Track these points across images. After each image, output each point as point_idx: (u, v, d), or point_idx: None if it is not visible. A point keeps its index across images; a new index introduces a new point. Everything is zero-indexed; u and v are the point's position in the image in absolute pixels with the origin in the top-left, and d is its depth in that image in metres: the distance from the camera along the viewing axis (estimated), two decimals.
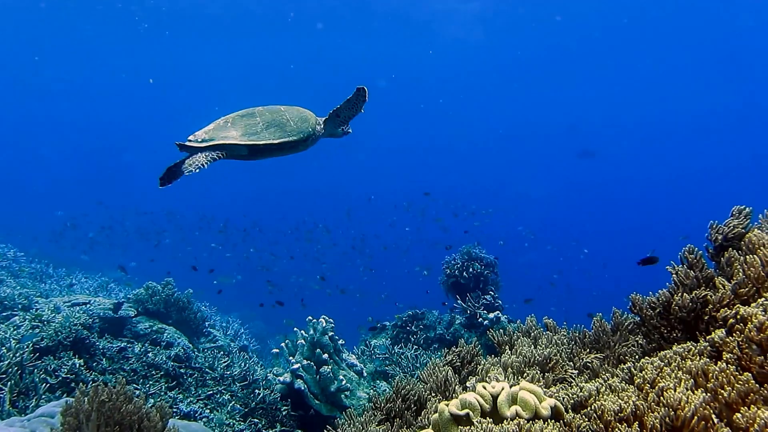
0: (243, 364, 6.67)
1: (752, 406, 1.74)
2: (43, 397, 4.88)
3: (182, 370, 6.11)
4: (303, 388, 5.97)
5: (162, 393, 5.55)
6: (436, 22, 25.32)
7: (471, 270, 8.42)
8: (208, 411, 5.54)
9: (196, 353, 6.75)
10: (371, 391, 6.75)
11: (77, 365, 5.37)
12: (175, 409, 5.29)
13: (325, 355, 6.13)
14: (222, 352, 7.19)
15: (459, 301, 8.18)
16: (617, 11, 24.99)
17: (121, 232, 22.07)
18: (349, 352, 7.05)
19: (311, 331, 6.36)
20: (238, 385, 6.22)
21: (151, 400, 5.22)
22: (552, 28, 26.55)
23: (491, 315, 7.85)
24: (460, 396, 2.31)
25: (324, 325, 6.36)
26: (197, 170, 3.78)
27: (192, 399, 5.69)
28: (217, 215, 21.57)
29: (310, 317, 6.47)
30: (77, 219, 20.95)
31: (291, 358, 6.19)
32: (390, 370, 7.09)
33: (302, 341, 6.26)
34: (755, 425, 1.65)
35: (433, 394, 2.80)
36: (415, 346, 7.72)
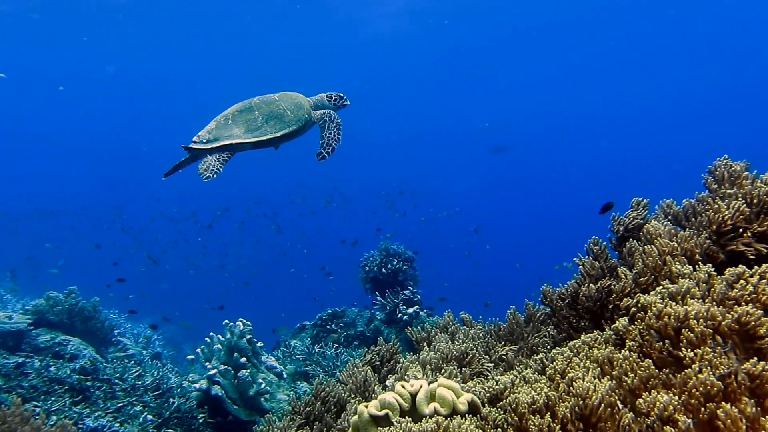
0: (156, 373, 6.39)
1: (653, 391, 1.84)
2: None
3: (89, 383, 5.77)
4: (220, 393, 5.79)
5: (66, 409, 5.21)
6: (362, 12, 24.98)
7: (389, 266, 8.47)
8: (118, 424, 5.26)
9: (105, 364, 6.39)
10: (291, 392, 6.66)
11: None
12: (81, 425, 4.98)
13: (243, 359, 5.97)
14: (133, 361, 6.85)
15: (378, 298, 8.21)
16: (532, 11, 25.78)
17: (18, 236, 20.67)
18: (268, 354, 6.90)
19: (228, 335, 6.17)
20: (151, 394, 5.95)
21: (54, 417, 4.88)
22: (474, 25, 26.99)
23: (410, 310, 7.94)
24: (379, 396, 2.31)
25: (242, 328, 6.20)
26: (214, 175, 3.92)
27: (100, 413, 5.39)
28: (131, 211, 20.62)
29: (226, 321, 6.29)
30: None
31: (207, 363, 5.98)
32: (310, 370, 7.02)
33: (219, 346, 6.07)
34: (655, 409, 1.74)
35: (352, 396, 2.78)
36: (335, 345, 7.69)
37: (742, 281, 2.00)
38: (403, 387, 2.33)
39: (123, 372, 6.18)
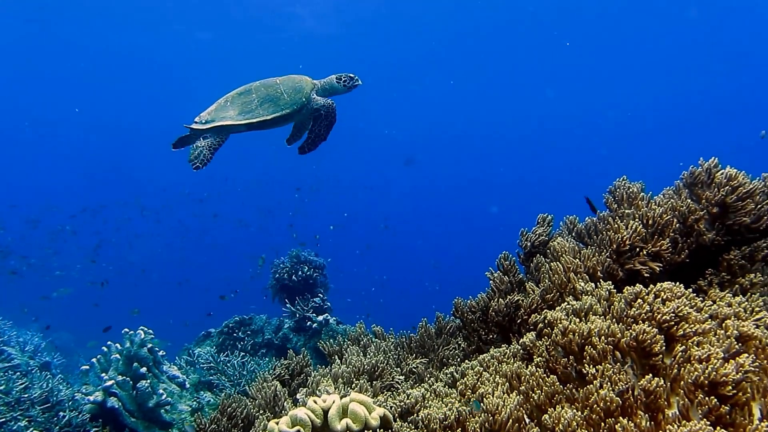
0: (44, 385, 5.92)
1: (558, 406, 1.91)
2: None
3: None
4: (117, 406, 5.47)
5: None
6: (291, 8, 24.34)
7: (300, 273, 8.36)
8: None
9: None
10: (194, 403, 6.41)
11: None
12: None
13: (144, 369, 5.68)
14: (18, 372, 6.33)
15: (288, 305, 8.08)
16: (454, 23, 26.29)
17: None
18: (170, 363, 6.60)
19: (128, 344, 5.85)
20: (38, 408, 5.52)
21: None
22: (399, 33, 27.10)
23: (320, 317, 7.86)
24: (291, 412, 2.26)
25: (142, 336, 5.89)
26: (203, 165, 4.15)
27: None
28: None
29: (126, 329, 5.96)
30: None
31: (103, 374, 5.63)
32: (215, 379, 6.79)
33: (117, 355, 5.73)
34: (560, 425, 1.81)
35: (261, 411, 2.71)
36: (242, 353, 7.48)
37: (639, 300, 2.12)
38: (315, 402, 2.29)
39: (6, 384, 5.70)
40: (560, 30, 26.36)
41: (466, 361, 2.70)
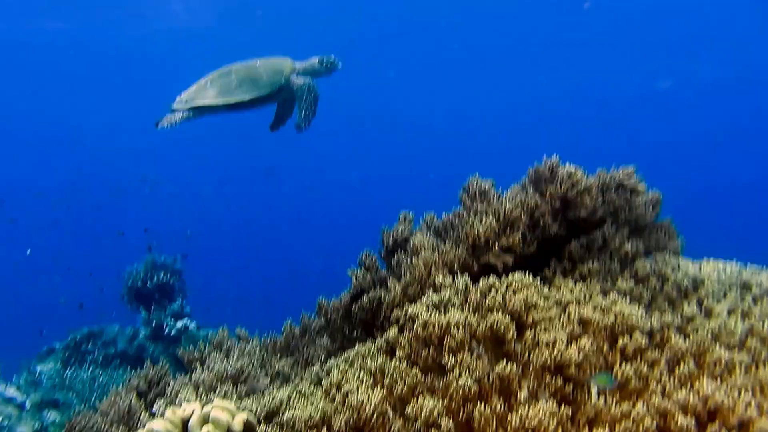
0: None
1: (419, 397, 1.97)
2: None
3: None
4: None
5: None
6: (162, 2, 22.59)
7: (156, 279, 7.92)
8: None
9: None
10: (37, 423, 5.85)
11: None
12: None
13: None
14: None
15: (143, 312, 7.63)
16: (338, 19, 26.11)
17: None
18: (7, 384, 5.96)
19: None
20: None
21: None
22: (279, 29, 26.36)
23: (179, 324, 7.53)
24: (147, 425, 2.12)
25: None
26: (168, 126, 4.18)
27: None
28: None
29: None
30: None
31: None
32: (61, 396, 6.24)
33: None
34: (422, 415, 1.87)
35: (114, 427, 2.52)
36: (92, 366, 6.94)
37: (493, 291, 2.25)
38: (174, 412, 2.17)
39: None
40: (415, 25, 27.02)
41: (332, 358, 2.70)
